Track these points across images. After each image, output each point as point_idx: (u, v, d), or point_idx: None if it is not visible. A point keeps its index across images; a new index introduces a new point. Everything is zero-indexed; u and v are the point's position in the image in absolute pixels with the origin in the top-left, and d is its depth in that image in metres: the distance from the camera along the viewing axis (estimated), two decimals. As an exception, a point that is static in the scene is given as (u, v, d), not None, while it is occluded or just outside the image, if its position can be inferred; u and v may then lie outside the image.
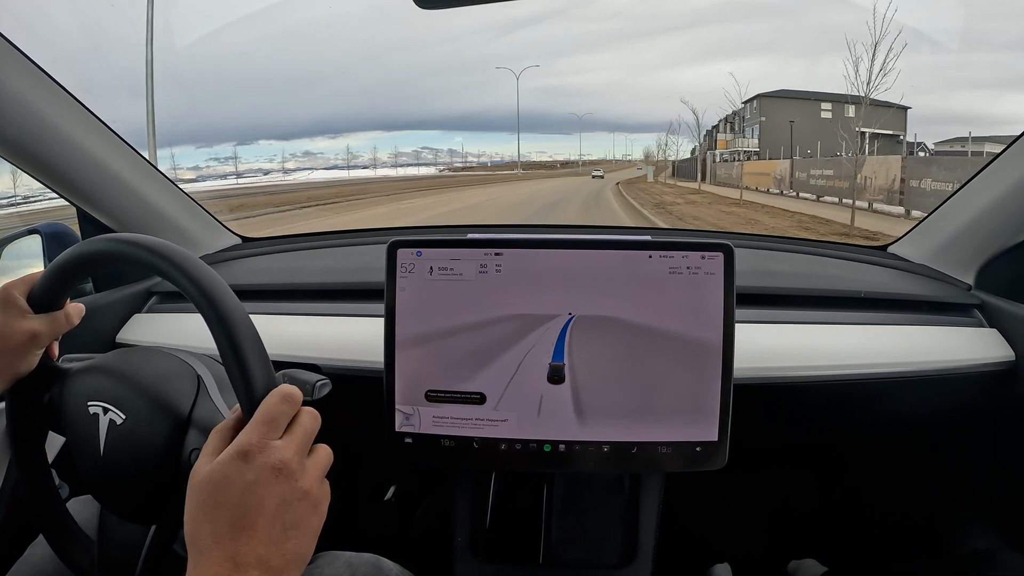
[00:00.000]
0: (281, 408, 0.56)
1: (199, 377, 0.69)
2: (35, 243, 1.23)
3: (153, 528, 0.67)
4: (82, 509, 0.83)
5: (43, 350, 0.71)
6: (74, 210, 1.18)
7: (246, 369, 0.57)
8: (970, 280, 1.15)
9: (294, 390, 0.58)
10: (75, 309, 0.74)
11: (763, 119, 21.32)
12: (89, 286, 1.22)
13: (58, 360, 0.78)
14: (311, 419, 0.58)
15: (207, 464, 0.53)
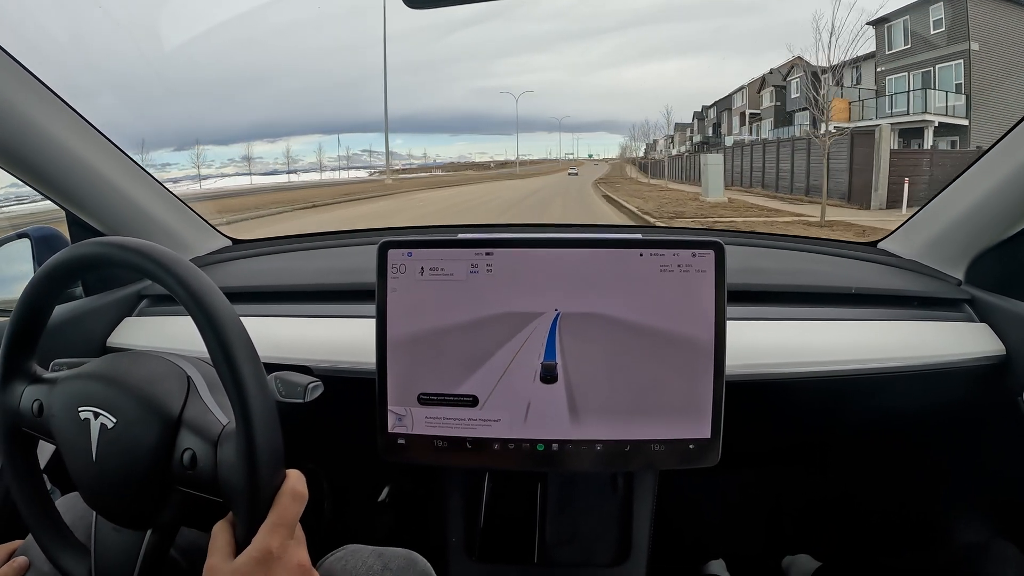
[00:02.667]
0: (295, 509, 0.60)
1: (188, 377, 0.69)
2: (24, 247, 1.22)
3: (148, 533, 0.67)
4: (73, 506, 0.83)
5: None
6: (63, 214, 1.17)
7: (237, 372, 0.57)
8: (960, 275, 1.16)
9: (303, 488, 0.61)
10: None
11: (974, 47, 9.53)
12: (79, 290, 1.21)
13: (49, 368, 0.77)
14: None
15: (225, 565, 0.57)
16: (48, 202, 1.12)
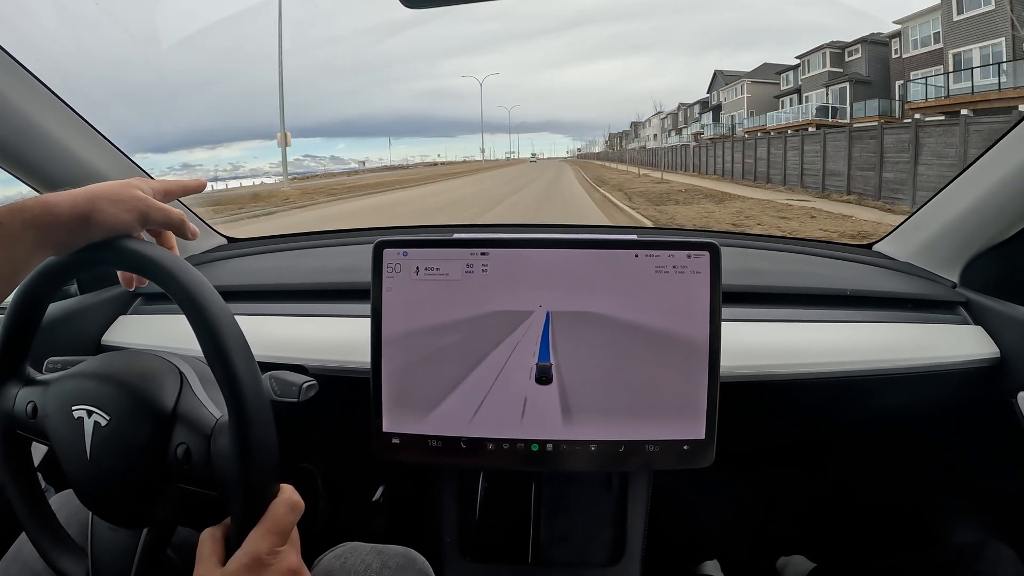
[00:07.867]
0: (290, 519, 0.59)
1: (181, 373, 0.69)
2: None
3: (145, 532, 0.67)
4: (67, 503, 0.83)
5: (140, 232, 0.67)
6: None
7: (230, 365, 0.57)
8: (955, 278, 1.16)
9: (299, 499, 0.60)
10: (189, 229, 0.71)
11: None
12: (74, 288, 1.21)
13: (43, 365, 0.77)
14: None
15: (215, 572, 0.56)
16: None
